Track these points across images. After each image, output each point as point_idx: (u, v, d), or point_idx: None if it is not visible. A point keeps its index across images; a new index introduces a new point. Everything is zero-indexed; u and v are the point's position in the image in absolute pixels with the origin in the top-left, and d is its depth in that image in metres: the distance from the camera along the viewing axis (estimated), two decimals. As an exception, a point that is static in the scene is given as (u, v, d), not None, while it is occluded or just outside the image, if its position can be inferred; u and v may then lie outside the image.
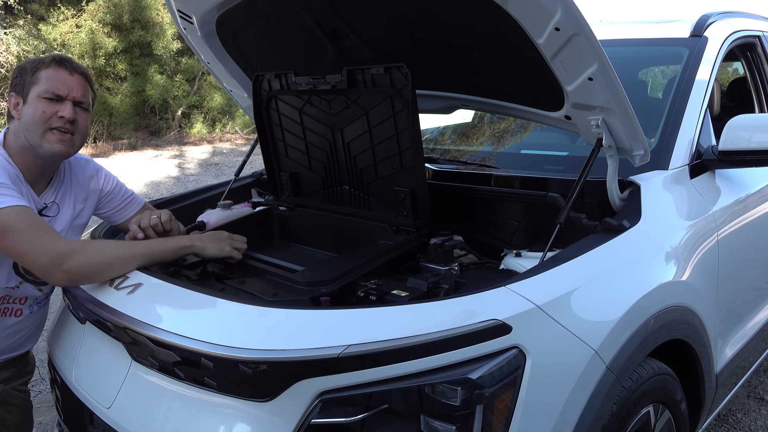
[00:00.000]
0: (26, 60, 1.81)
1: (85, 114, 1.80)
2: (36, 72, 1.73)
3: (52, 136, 1.72)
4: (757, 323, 2.37)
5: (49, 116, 1.71)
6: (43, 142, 1.71)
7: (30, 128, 1.71)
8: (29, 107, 1.72)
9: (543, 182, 2.01)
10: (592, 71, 1.57)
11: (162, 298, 1.57)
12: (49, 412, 2.96)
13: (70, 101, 1.74)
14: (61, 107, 1.72)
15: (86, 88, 1.79)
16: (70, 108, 1.73)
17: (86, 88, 1.79)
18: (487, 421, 1.23)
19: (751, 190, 2.29)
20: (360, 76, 1.87)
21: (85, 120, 1.80)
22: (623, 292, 1.53)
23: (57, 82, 1.72)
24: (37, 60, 1.76)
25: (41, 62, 1.75)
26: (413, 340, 1.23)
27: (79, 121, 1.77)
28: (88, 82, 1.81)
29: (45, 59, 1.76)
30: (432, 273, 1.73)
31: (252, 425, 1.31)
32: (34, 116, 1.71)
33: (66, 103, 1.73)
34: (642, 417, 1.58)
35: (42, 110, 1.70)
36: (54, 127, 1.71)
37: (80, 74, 1.77)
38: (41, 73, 1.72)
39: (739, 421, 2.75)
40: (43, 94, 1.71)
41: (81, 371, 1.71)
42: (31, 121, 1.71)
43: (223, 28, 2.30)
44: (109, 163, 9.84)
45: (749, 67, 2.86)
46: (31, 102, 1.72)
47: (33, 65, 1.74)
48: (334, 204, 2.24)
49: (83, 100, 1.77)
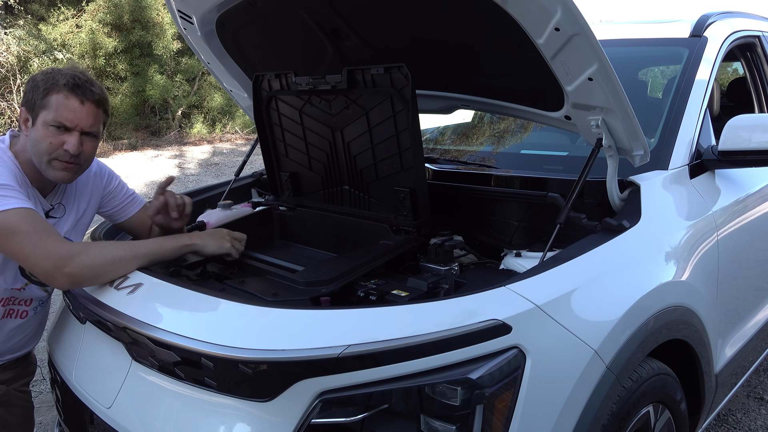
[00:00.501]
0: (41, 73, 1.70)
1: (92, 141, 1.75)
2: (47, 95, 1.66)
3: (57, 164, 1.68)
4: (756, 323, 2.37)
5: (56, 147, 1.67)
6: (47, 169, 1.69)
7: (36, 153, 1.69)
8: (36, 131, 1.67)
9: (543, 182, 2.01)
10: (592, 71, 1.58)
11: (162, 298, 1.57)
12: (49, 412, 2.96)
13: (77, 132, 1.68)
14: (67, 138, 1.67)
15: (97, 116, 1.73)
16: (76, 141, 1.68)
17: (97, 116, 1.73)
18: (487, 421, 1.23)
19: (751, 190, 2.29)
20: (360, 76, 1.87)
21: (92, 147, 1.76)
22: (623, 292, 1.53)
23: (66, 112, 1.66)
24: (50, 79, 1.68)
25: (54, 84, 1.66)
26: (413, 340, 1.23)
27: (86, 149, 1.73)
28: (101, 107, 1.74)
29: (58, 80, 1.67)
30: (432, 273, 1.73)
31: (252, 425, 1.31)
32: (40, 144, 1.67)
33: (73, 134, 1.68)
34: (642, 417, 1.58)
35: (49, 141, 1.66)
36: (59, 159, 1.68)
37: (92, 102, 1.70)
38: (52, 98, 1.66)
39: (738, 420, 2.75)
40: (51, 122, 1.66)
41: (81, 371, 1.71)
42: (37, 147, 1.68)
43: (223, 28, 2.30)
44: (109, 163, 9.81)
45: (749, 67, 2.86)
46: (39, 127, 1.67)
47: (45, 85, 1.67)
48: (334, 204, 2.24)
49: (92, 130, 1.72)
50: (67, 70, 1.71)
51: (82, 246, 1.65)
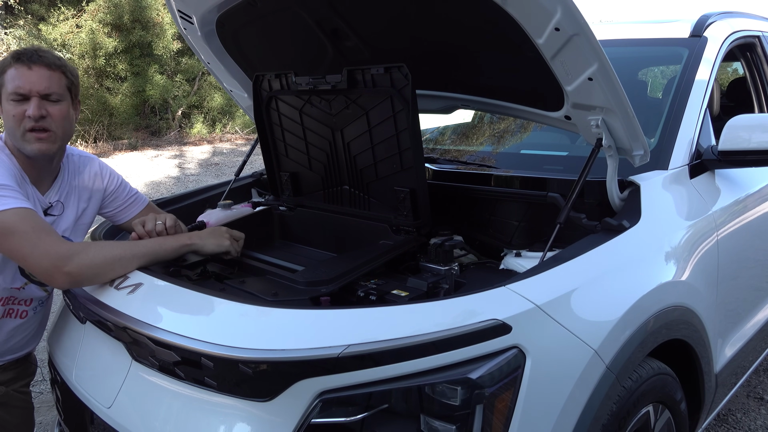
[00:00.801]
0: None
1: (57, 106, 1.70)
2: (2, 74, 1.67)
3: (29, 136, 1.67)
4: (756, 323, 2.38)
5: (21, 118, 1.66)
6: (23, 144, 1.68)
7: (10, 134, 1.69)
8: (4, 113, 1.69)
9: (543, 182, 2.01)
10: (592, 71, 1.58)
11: (162, 298, 1.57)
12: (49, 412, 2.96)
13: (35, 97, 1.66)
14: (27, 105, 1.66)
15: (52, 78, 1.69)
16: (35, 105, 1.65)
17: (52, 79, 1.69)
18: (487, 421, 1.23)
19: (751, 190, 2.29)
20: (360, 76, 1.87)
21: (60, 111, 1.71)
22: (623, 292, 1.53)
23: (18, 80, 1.65)
24: (4, 61, 1.70)
25: (4, 63, 1.68)
26: (413, 340, 1.23)
27: (53, 113, 1.69)
28: (56, 69, 1.70)
29: (7, 58, 1.68)
30: (432, 273, 1.73)
31: (252, 425, 1.31)
32: (8, 121, 1.68)
33: (32, 100, 1.66)
34: (642, 417, 1.58)
35: (12, 114, 1.66)
36: (28, 128, 1.67)
37: (42, 65, 1.67)
38: (6, 75, 1.66)
39: (738, 420, 2.75)
40: (10, 96, 1.66)
41: (81, 371, 1.71)
42: (7, 126, 1.69)
43: (223, 28, 2.31)
44: (110, 163, 9.74)
45: (749, 67, 2.86)
46: (4, 106, 1.69)
47: (2, 66, 1.68)
48: (334, 204, 2.24)
49: (49, 92, 1.68)
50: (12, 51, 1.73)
51: (81, 245, 1.65)
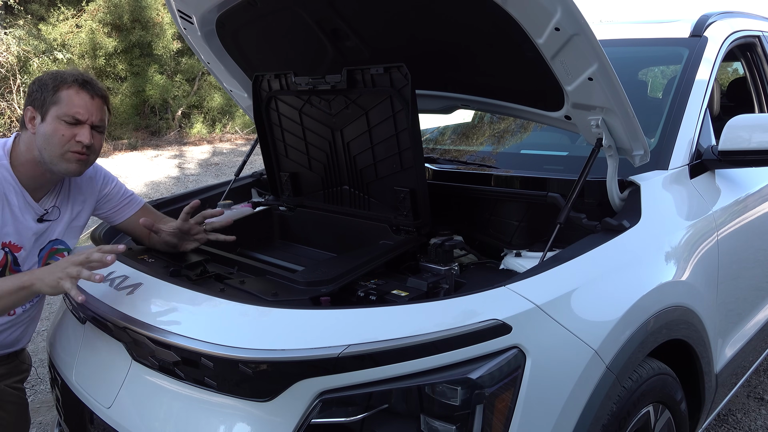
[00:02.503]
0: (47, 74, 1.75)
1: (100, 136, 1.79)
2: (57, 91, 1.70)
3: (71, 156, 1.72)
4: (757, 323, 2.37)
5: (68, 140, 1.70)
6: (60, 162, 1.72)
7: (47, 148, 1.70)
8: (47, 126, 1.70)
9: (543, 182, 2.01)
10: (592, 71, 1.58)
11: (162, 298, 1.57)
12: (49, 412, 2.96)
13: (88, 125, 1.73)
14: (79, 131, 1.71)
15: (104, 111, 1.78)
16: (88, 133, 1.72)
17: (104, 111, 1.79)
18: (487, 421, 1.23)
19: (751, 190, 2.29)
20: (360, 76, 1.87)
21: (100, 141, 1.80)
22: (623, 292, 1.53)
23: (78, 107, 1.70)
24: (58, 76, 1.73)
25: (63, 80, 1.71)
26: (413, 340, 1.23)
27: (95, 143, 1.77)
28: (106, 103, 1.80)
29: (67, 77, 1.72)
30: (432, 273, 1.73)
31: (252, 425, 1.31)
32: (52, 138, 1.69)
33: (84, 127, 1.72)
34: (642, 417, 1.58)
35: (61, 133, 1.69)
36: (73, 150, 1.71)
37: (100, 97, 1.76)
38: (62, 93, 1.70)
39: (739, 421, 2.75)
40: (63, 117, 1.69)
41: (81, 371, 1.71)
42: (48, 141, 1.70)
43: (223, 28, 2.31)
44: (109, 163, 9.84)
45: (749, 67, 2.86)
46: (50, 122, 1.70)
47: (54, 82, 1.71)
48: (334, 204, 2.24)
49: (101, 124, 1.77)
50: (71, 71, 1.77)
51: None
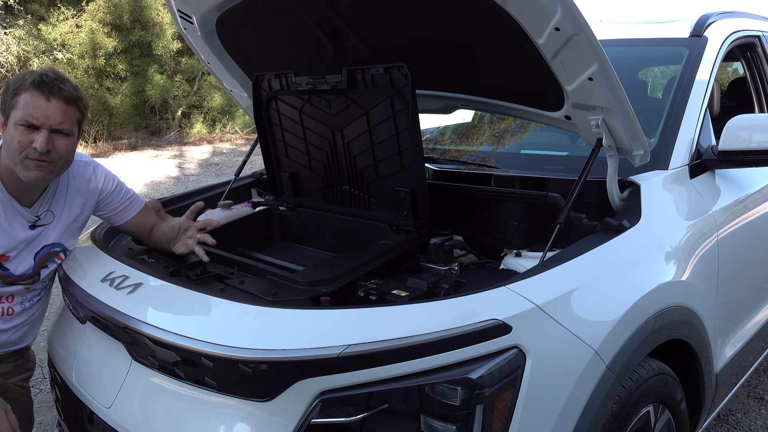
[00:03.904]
0: (14, 76, 1.68)
1: (65, 139, 1.69)
2: (16, 95, 1.63)
3: (29, 163, 1.64)
4: (757, 323, 2.37)
5: (25, 145, 1.63)
6: (20, 169, 1.65)
7: (9, 154, 1.66)
8: (8, 133, 1.64)
9: (543, 182, 2.01)
10: (592, 71, 1.58)
11: (162, 298, 1.57)
12: (49, 411, 2.96)
13: (45, 130, 1.63)
14: (36, 136, 1.63)
15: (67, 113, 1.67)
16: (44, 139, 1.62)
17: (66, 114, 1.67)
18: (487, 421, 1.23)
19: (751, 190, 2.29)
20: (360, 76, 1.87)
21: (66, 144, 1.69)
22: (623, 292, 1.53)
23: (32, 110, 1.62)
24: (20, 79, 1.65)
25: (22, 83, 1.64)
26: (413, 340, 1.23)
27: (58, 147, 1.67)
28: (72, 104, 1.69)
29: (26, 79, 1.64)
30: (432, 273, 1.73)
31: (252, 425, 1.31)
32: (11, 144, 1.64)
33: (41, 132, 1.63)
34: (642, 417, 1.58)
35: (18, 140, 1.62)
36: (31, 156, 1.63)
37: (60, 99, 1.65)
38: (20, 98, 1.63)
39: (739, 421, 2.75)
40: (19, 122, 1.62)
41: (81, 371, 1.71)
42: (9, 148, 1.65)
43: (223, 28, 2.30)
44: (109, 163, 9.84)
45: (749, 67, 2.86)
46: (10, 128, 1.64)
47: (15, 86, 1.65)
48: (334, 204, 2.24)
49: (61, 127, 1.66)
50: (39, 70, 1.68)
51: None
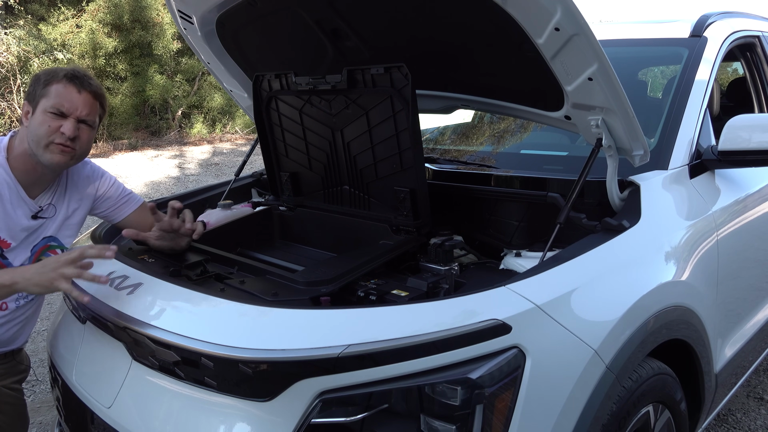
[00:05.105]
0: (43, 70, 1.83)
1: (88, 130, 1.82)
2: (47, 85, 1.76)
3: (54, 147, 1.75)
4: (756, 323, 2.38)
5: (53, 131, 1.74)
6: (44, 153, 1.75)
7: (34, 139, 1.75)
8: (35, 119, 1.76)
9: (543, 182, 2.01)
10: (592, 71, 1.58)
11: (162, 298, 1.57)
12: (49, 412, 2.96)
13: (74, 118, 1.76)
14: (64, 123, 1.75)
15: (93, 106, 1.81)
16: (72, 126, 1.75)
17: (93, 107, 1.81)
18: (487, 421, 1.23)
19: (751, 190, 2.29)
20: (360, 76, 1.88)
21: (88, 135, 1.82)
22: (623, 292, 1.53)
23: (64, 99, 1.75)
24: (51, 72, 1.79)
25: (54, 75, 1.77)
26: (413, 340, 1.23)
27: (81, 136, 1.79)
28: (98, 99, 1.83)
29: (59, 72, 1.78)
30: (432, 273, 1.73)
31: (252, 425, 1.31)
32: (39, 129, 1.74)
33: (70, 120, 1.76)
34: (642, 417, 1.58)
35: (47, 125, 1.74)
36: (57, 141, 1.75)
37: (89, 92, 1.79)
38: (51, 87, 1.75)
39: (738, 420, 2.75)
40: (49, 109, 1.74)
41: (81, 371, 1.71)
42: (35, 132, 1.75)
43: (223, 28, 2.31)
44: (109, 163, 9.84)
45: (749, 67, 2.86)
46: (38, 114, 1.75)
47: (47, 77, 1.77)
48: (334, 204, 2.24)
49: (87, 118, 1.79)
50: (69, 67, 1.83)
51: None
